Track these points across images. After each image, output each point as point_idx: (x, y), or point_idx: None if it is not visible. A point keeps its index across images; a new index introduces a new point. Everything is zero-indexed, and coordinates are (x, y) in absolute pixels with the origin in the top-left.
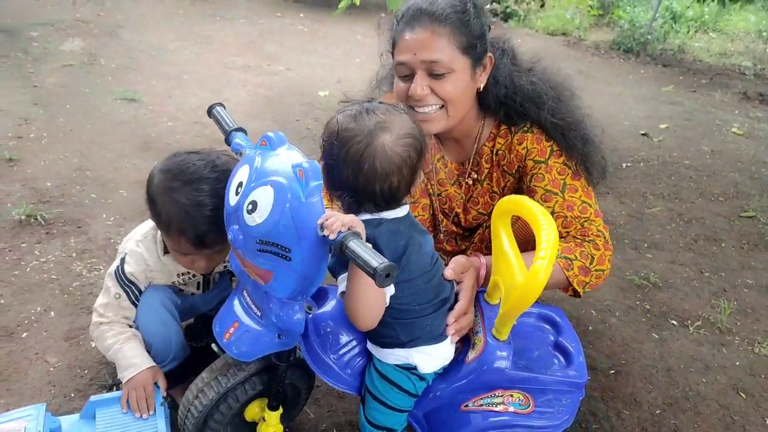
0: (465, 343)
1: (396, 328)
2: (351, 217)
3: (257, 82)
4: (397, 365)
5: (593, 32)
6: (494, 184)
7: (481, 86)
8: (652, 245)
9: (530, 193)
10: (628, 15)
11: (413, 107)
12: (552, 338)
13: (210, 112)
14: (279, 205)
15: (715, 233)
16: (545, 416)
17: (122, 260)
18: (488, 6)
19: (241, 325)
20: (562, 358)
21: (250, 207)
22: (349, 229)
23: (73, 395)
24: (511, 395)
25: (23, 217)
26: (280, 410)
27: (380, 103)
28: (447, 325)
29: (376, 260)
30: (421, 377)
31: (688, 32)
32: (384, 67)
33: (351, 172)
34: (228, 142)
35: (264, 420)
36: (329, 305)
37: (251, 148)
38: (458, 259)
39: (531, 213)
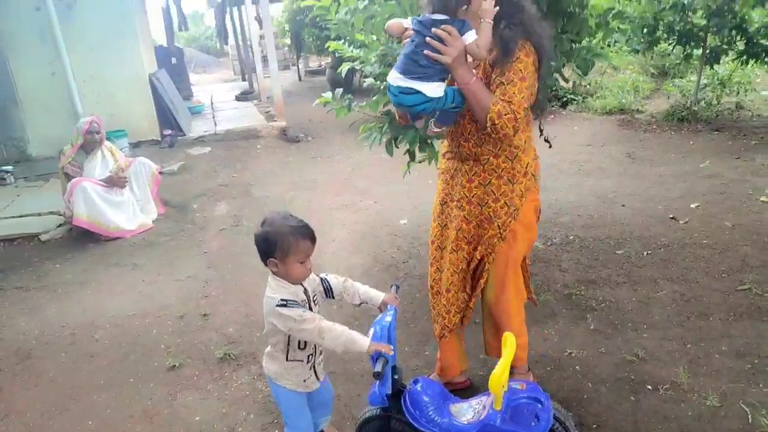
0: (477, 412)
1: None
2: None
3: (353, 219)
4: None
5: (652, 101)
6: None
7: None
8: (650, 326)
9: (492, 84)
10: (675, 88)
11: None
12: (535, 411)
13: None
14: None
15: (707, 309)
16: None
17: (280, 301)
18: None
19: (373, 385)
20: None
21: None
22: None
23: None
24: None
25: (221, 356)
26: None
27: None
28: None
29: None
30: None
31: (738, 93)
32: None
33: None
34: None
35: None
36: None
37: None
38: None
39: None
